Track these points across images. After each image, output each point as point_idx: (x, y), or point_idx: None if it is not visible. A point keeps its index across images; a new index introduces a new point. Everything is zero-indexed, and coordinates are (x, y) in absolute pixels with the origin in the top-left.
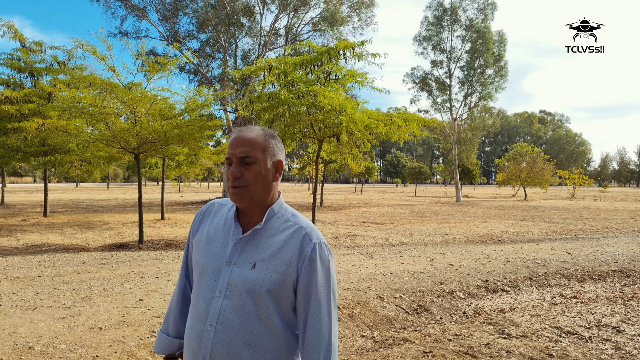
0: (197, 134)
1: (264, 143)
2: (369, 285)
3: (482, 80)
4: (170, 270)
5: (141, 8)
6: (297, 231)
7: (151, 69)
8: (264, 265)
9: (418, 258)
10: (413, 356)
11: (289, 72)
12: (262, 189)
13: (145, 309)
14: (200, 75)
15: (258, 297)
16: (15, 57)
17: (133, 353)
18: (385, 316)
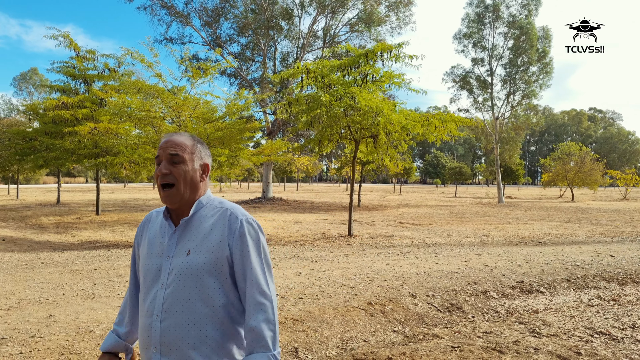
0: (237, 136)
1: (192, 146)
2: (401, 283)
3: (526, 77)
4: None
5: (185, 15)
6: (224, 212)
7: (194, 74)
8: (197, 249)
9: (453, 258)
10: (441, 350)
11: (326, 74)
12: (190, 188)
13: None
14: (240, 78)
15: (196, 279)
16: (70, 65)
17: None
18: (417, 313)
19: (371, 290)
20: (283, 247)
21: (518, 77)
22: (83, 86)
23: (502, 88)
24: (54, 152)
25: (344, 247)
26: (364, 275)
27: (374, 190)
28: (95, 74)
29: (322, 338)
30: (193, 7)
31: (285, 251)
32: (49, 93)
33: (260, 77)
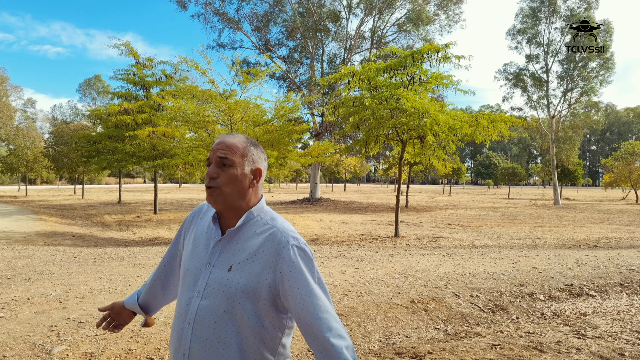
0: (285, 138)
1: (244, 149)
2: (445, 283)
3: (585, 74)
4: None
5: (236, 21)
6: (273, 234)
7: (245, 79)
8: (240, 268)
9: (500, 260)
10: (481, 347)
11: (373, 77)
12: (237, 192)
13: None
14: (288, 81)
15: (232, 299)
16: (131, 73)
17: None
18: (460, 312)
19: (414, 289)
20: (329, 246)
21: (576, 73)
22: (142, 92)
23: (559, 85)
24: (116, 154)
25: (390, 247)
26: (408, 275)
27: (422, 191)
28: (153, 80)
29: (365, 332)
30: (244, 13)
31: (331, 250)
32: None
33: (308, 79)
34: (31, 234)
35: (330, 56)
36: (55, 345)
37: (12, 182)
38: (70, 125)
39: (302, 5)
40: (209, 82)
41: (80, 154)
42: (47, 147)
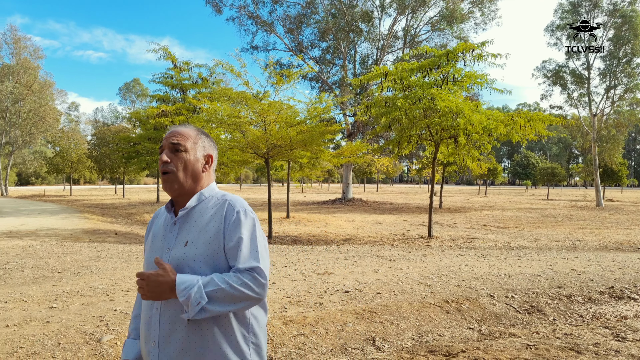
0: (318, 139)
1: (196, 137)
2: (480, 284)
3: (629, 70)
4: (296, 261)
5: (269, 23)
6: (222, 204)
7: (278, 81)
8: (195, 241)
9: (537, 262)
10: (516, 347)
11: (405, 77)
12: (191, 177)
13: (278, 290)
14: (321, 82)
15: (192, 271)
16: (168, 76)
17: (270, 322)
18: (495, 313)
19: (448, 289)
20: (362, 246)
21: (620, 69)
22: (179, 95)
23: (601, 82)
24: (155, 155)
25: (423, 247)
26: (442, 275)
27: (457, 192)
28: (190, 83)
29: (398, 330)
30: (277, 16)
31: (364, 250)
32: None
33: (340, 80)
34: (77, 231)
35: (362, 56)
36: (105, 334)
37: (58, 182)
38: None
39: (334, 6)
40: (243, 85)
41: (120, 155)
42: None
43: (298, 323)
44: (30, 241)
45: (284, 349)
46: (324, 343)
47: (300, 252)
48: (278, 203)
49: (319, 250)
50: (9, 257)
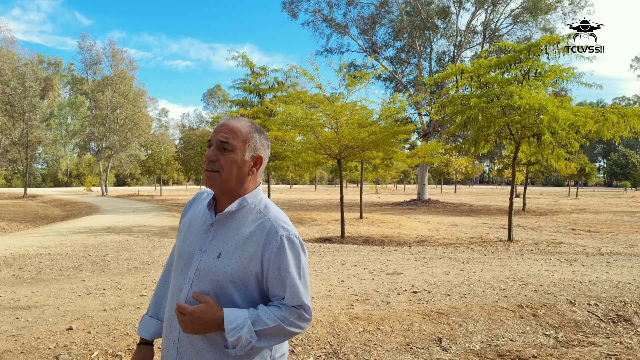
0: (390, 139)
1: (247, 135)
2: (560, 290)
3: None
4: (366, 260)
5: (343, 25)
6: (264, 223)
7: (350, 83)
8: (228, 256)
9: (629, 269)
10: (594, 356)
11: (482, 73)
12: (235, 178)
13: (346, 288)
14: (395, 82)
15: (220, 286)
16: (246, 81)
17: (336, 318)
18: (574, 320)
19: (523, 294)
20: (435, 248)
21: None
22: (257, 99)
23: None
24: None
25: (501, 251)
26: (518, 279)
27: (543, 194)
28: (266, 87)
29: (466, 332)
30: (350, 17)
31: (436, 252)
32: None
33: (415, 78)
34: (165, 228)
35: (438, 54)
36: None
37: (150, 183)
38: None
39: (409, 4)
40: (316, 87)
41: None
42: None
43: (364, 320)
44: (125, 236)
45: (349, 344)
46: (389, 341)
47: (371, 252)
48: (352, 204)
49: (389, 250)
50: (108, 249)
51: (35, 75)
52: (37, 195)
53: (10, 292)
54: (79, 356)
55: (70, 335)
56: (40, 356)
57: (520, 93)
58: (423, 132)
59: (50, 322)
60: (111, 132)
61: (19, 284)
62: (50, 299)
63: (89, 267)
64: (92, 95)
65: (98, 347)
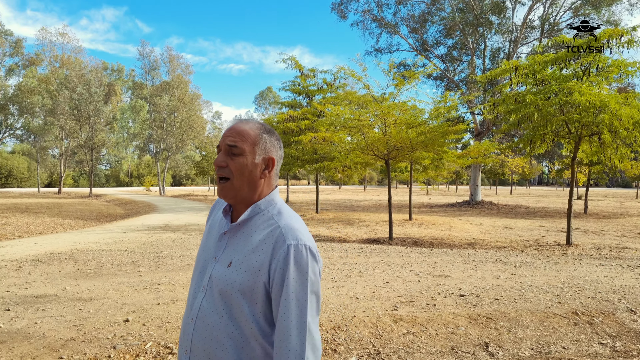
0: (440, 140)
1: (256, 137)
2: (620, 297)
3: None
4: (412, 262)
5: (393, 24)
6: (274, 230)
7: (399, 83)
8: (238, 265)
9: None
10: None
11: (539, 70)
12: (247, 183)
13: (391, 290)
14: (447, 80)
15: (230, 297)
16: (295, 83)
17: (380, 319)
18: (634, 330)
19: (579, 301)
20: (486, 251)
21: None
22: (305, 101)
23: None
24: (284, 158)
25: (558, 255)
26: (573, 285)
27: (608, 195)
28: (315, 89)
29: (515, 338)
30: (400, 16)
31: (487, 255)
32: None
33: (467, 76)
34: None
35: (492, 50)
36: None
37: (204, 183)
38: None
39: (461, 0)
40: (364, 88)
41: None
42: None
43: (408, 322)
44: (180, 234)
45: (392, 345)
46: (433, 344)
47: (418, 254)
48: (401, 205)
49: (437, 253)
50: (163, 247)
51: (100, 81)
52: (101, 194)
53: (75, 285)
54: (134, 346)
55: (127, 327)
56: (99, 345)
57: (581, 90)
58: (476, 131)
59: (109, 314)
60: (168, 134)
61: (82, 278)
62: (109, 292)
63: (146, 263)
64: (150, 99)
65: (151, 339)
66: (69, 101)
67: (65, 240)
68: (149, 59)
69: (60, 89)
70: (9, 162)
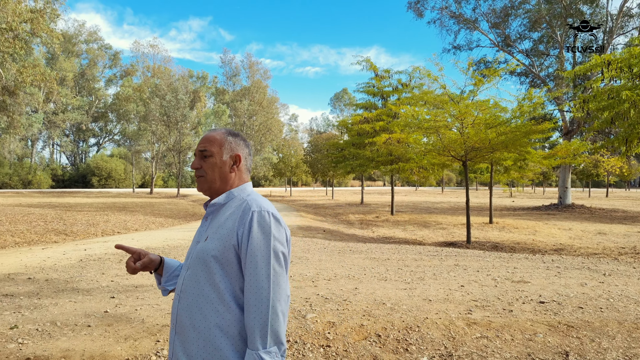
0: (522, 140)
1: (221, 140)
2: None
3: None
4: (490, 267)
5: (472, 20)
6: (241, 204)
7: (477, 82)
8: (212, 236)
9: None
10: None
11: (635, 63)
12: (218, 178)
13: (465, 293)
14: (532, 76)
15: (206, 263)
16: (370, 85)
17: (453, 321)
18: None
19: None
20: (573, 258)
21: None
22: (380, 102)
23: None
24: (358, 160)
25: None
26: None
27: None
28: (390, 90)
29: (599, 348)
30: (481, 11)
31: (573, 262)
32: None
33: (555, 72)
34: (293, 227)
35: (584, 42)
36: (308, 313)
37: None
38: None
39: None
40: (441, 88)
41: (330, 160)
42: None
43: (482, 326)
44: None
45: (465, 348)
46: (508, 349)
47: (497, 259)
48: (481, 208)
49: (518, 258)
50: None
51: (186, 88)
52: (187, 194)
53: None
54: None
55: None
56: None
57: None
58: (565, 130)
59: None
60: (247, 137)
61: None
62: None
63: None
64: (231, 104)
65: None
66: (159, 108)
67: (158, 237)
68: (230, 66)
69: (151, 97)
70: (108, 164)
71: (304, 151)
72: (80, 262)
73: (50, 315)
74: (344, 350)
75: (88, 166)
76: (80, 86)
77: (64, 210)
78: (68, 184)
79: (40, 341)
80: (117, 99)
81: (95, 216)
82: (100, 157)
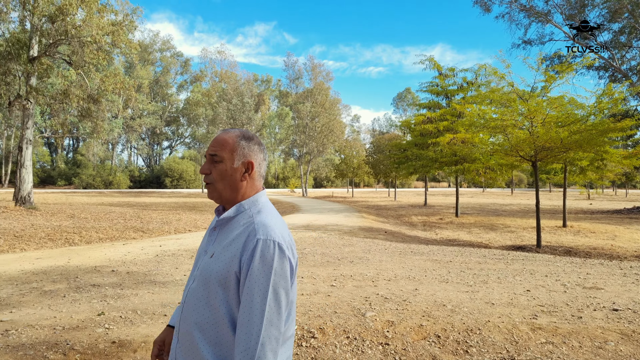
0: (597, 139)
1: (234, 144)
2: None
3: None
4: (560, 272)
5: (544, 13)
6: (249, 227)
7: (549, 78)
8: (217, 256)
9: None
10: None
11: None
12: (229, 187)
13: (531, 298)
14: (611, 70)
15: (208, 284)
16: (434, 84)
17: (516, 326)
18: None
19: None
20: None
21: None
22: (444, 101)
23: None
24: (421, 160)
25: None
26: None
27: None
28: (454, 89)
29: None
30: (554, 3)
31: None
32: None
33: (638, 65)
34: (355, 228)
35: None
36: (368, 311)
37: (343, 185)
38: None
39: None
40: (508, 86)
41: (392, 160)
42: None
43: (548, 332)
44: (320, 233)
45: (528, 353)
46: (575, 356)
47: (568, 264)
48: (554, 210)
49: (592, 263)
50: (305, 244)
51: (251, 92)
52: None
53: None
54: None
55: None
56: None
57: None
58: None
59: None
60: (310, 139)
61: None
62: None
63: None
64: (294, 106)
65: (297, 324)
66: (226, 111)
67: None
68: (294, 69)
69: (219, 101)
70: (180, 166)
71: (365, 152)
72: (156, 257)
73: (131, 304)
74: (402, 349)
75: (162, 168)
76: (154, 92)
77: (141, 209)
78: (144, 184)
79: (123, 327)
80: (187, 104)
81: (168, 215)
82: (173, 159)
